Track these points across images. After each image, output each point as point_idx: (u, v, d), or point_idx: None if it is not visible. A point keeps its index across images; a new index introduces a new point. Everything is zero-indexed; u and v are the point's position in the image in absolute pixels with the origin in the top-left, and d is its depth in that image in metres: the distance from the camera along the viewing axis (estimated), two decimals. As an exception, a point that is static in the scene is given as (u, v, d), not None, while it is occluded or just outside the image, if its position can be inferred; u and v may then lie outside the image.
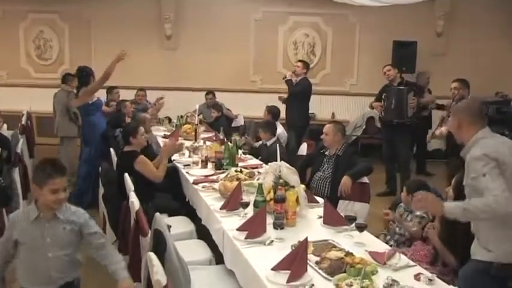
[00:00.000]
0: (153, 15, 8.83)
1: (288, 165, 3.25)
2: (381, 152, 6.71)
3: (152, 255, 2.18)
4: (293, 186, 3.07)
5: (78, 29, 9.05)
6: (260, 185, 3.09)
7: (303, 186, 3.27)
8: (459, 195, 2.67)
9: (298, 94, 6.53)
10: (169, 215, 4.06)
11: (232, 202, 3.22)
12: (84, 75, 5.59)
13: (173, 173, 4.62)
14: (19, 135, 5.74)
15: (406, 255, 2.79)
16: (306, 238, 2.36)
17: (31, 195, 5.55)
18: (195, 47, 8.81)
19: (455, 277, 2.69)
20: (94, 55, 8.85)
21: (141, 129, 4.20)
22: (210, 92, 8.02)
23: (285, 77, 6.73)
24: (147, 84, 8.25)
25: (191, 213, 3.99)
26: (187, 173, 4.34)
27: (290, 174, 3.17)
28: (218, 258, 3.13)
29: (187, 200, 4.19)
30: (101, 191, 4.42)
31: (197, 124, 6.01)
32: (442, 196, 3.04)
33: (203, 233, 3.57)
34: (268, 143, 5.22)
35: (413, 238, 3.10)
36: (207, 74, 8.71)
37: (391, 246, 3.17)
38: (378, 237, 3.20)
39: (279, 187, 2.93)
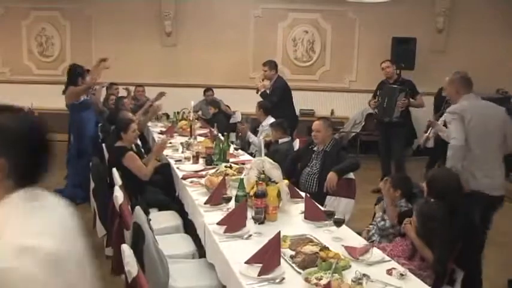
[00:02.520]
0: (153, 12, 8.88)
1: (271, 160, 3.28)
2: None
3: (126, 247, 2.23)
4: (274, 182, 3.09)
5: (79, 26, 9.12)
6: (241, 179, 3.12)
7: (286, 181, 3.30)
8: (430, 189, 2.91)
9: (277, 102, 6.15)
10: (160, 210, 4.12)
11: (215, 197, 3.26)
12: (76, 74, 5.62)
13: (166, 169, 4.68)
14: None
15: (385, 250, 2.82)
16: (279, 232, 2.39)
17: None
18: (195, 44, 8.86)
19: (432, 272, 2.71)
20: (95, 52, 8.91)
21: (133, 126, 4.25)
22: (209, 89, 8.07)
23: (258, 91, 6.33)
24: (147, 80, 8.33)
25: (183, 208, 4.03)
26: (177, 168, 4.39)
27: (273, 169, 3.21)
28: (203, 252, 3.17)
29: (177, 194, 4.24)
30: (92, 185, 4.47)
31: (192, 120, 6.04)
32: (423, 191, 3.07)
33: (193, 228, 3.62)
34: (280, 141, 5.26)
35: (394, 234, 3.12)
36: (206, 70, 8.75)
37: (373, 241, 3.19)
38: (361, 233, 3.23)
39: (259, 182, 2.96)
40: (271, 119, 5.87)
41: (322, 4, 8.65)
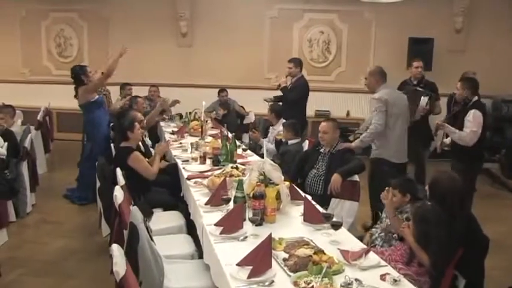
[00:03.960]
0: (169, 13, 8.95)
1: (271, 162, 3.25)
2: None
3: (115, 246, 2.23)
4: (274, 183, 3.06)
5: (96, 27, 9.30)
6: (240, 181, 3.10)
7: (287, 183, 3.26)
8: (431, 192, 2.84)
9: (296, 100, 6.08)
10: (165, 210, 4.13)
11: (216, 198, 3.24)
12: (78, 75, 5.62)
13: (173, 169, 4.69)
14: (32, 130, 5.92)
15: (384, 255, 2.76)
16: (270, 234, 2.36)
17: (39, 189, 5.77)
18: (210, 44, 8.89)
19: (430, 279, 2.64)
20: (111, 52, 8.99)
21: (137, 124, 4.29)
22: (223, 90, 8.07)
23: (279, 86, 6.23)
24: (162, 80, 8.39)
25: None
26: (183, 168, 4.39)
27: (273, 171, 3.17)
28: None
29: (182, 195, 4.25)
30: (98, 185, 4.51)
31: (204, 120, 6.05)
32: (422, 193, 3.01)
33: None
34: (289, 142, 5.24)
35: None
36: (221, 70, 8.78)
37: (375, 246, 3.12)
38: (362, 237, 3.17)
39: (258, 183, 2.93)
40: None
41: (338, 4, 8.58)
